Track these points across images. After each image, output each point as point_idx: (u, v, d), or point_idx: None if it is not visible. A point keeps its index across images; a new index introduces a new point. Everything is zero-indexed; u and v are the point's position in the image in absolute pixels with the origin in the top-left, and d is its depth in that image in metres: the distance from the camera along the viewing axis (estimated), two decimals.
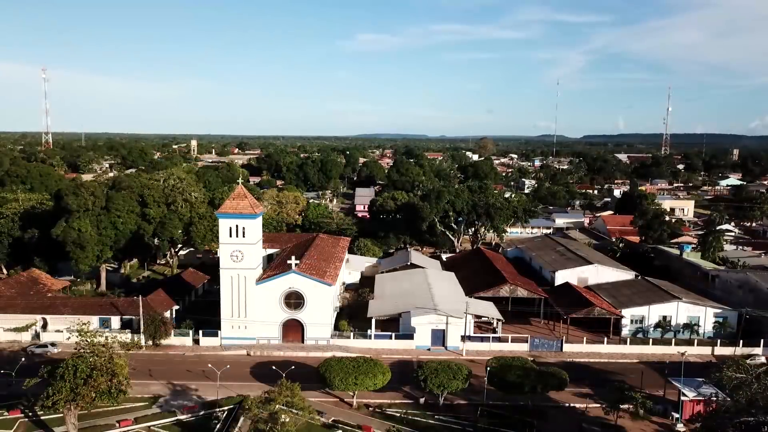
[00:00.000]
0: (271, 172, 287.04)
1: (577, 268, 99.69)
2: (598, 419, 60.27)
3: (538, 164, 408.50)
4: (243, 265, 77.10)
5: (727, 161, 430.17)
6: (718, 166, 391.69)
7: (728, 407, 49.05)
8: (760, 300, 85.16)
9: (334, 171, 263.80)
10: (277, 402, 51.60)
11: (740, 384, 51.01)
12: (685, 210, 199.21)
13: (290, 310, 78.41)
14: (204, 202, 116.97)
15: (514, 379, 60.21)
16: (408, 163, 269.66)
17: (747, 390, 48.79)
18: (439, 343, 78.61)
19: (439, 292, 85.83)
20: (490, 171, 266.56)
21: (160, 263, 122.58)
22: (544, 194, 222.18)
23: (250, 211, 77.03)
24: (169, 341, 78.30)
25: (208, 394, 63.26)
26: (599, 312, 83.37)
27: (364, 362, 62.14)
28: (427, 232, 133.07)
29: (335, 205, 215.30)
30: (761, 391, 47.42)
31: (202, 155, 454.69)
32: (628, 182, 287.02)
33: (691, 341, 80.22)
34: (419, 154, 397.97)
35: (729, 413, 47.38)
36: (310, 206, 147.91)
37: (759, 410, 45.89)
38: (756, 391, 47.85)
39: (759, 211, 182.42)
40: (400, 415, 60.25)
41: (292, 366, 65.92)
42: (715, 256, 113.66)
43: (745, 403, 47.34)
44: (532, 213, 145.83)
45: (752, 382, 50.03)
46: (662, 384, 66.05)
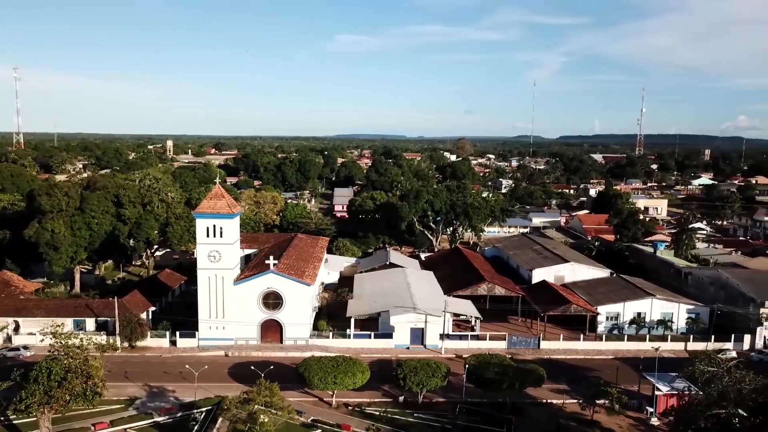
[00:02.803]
0: (249, 173, 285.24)
1: (554, 266, 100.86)
2: (575, 415, 61.11)
3: (515, 164, 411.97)
4: (221, 265, 76.53)
5: (699, 161, 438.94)
6: (690, 166, 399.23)
7: (700, 400, 50.03)
8: (731, 296, 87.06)
9: (312, 171, 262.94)
10: (256, 402, 51.32)
11: (712, 378, 52.15)
12: (659, 209, 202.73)
13: (269, 311, 78.04)
14: (181, 203, 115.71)
15: (493, 377, 60.70)
16: (387, 163, 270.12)
17: (718, 383, 49.89)
18: (418, 342, 78.90)
19: (417, 292, 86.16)
20: (468, 171, 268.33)
21: (135, 264, 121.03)
22: (521, 194, 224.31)
23: (227, 211, 76.51)
24: (145, 343, 77.39)
25: (185, 395, 62.66)
26: (575, 309, 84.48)
27: (344, 361, 62.13)
28: (406, 232, 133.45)
29: (314, 205, 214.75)
30: (732, 385, 48.50)
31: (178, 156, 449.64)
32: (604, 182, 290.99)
33: (665, 337, 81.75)
34: (398, 154, 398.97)
35: (701, 406, 48.30)
36: (289, 206, 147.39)
37: (730, 403, 46.90)
38: (727, 384, 48.93)
39: (730, 209, 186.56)
40: (380, 413, 60.36)
41: (270, 366, 65.62)
42: (688, 253, 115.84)
43: (717, 396, 48.33)
44: (509, 212, 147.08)
45: (723, 376, 51.19)
46: (637, 379, 67.18)
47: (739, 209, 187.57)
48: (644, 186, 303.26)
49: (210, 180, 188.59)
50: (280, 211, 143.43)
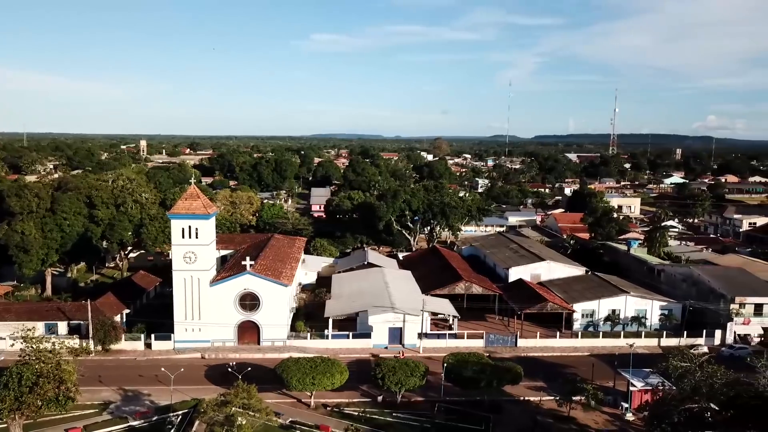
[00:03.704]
0: (224, 173, 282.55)
1: (530, 264, 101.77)
2: (552, 411, 61.74)
3: (491, 164, 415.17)
4: (196, 266, 75.66)
5: (670, 160, 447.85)
6: (662, 165, 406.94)
7: (674, 395, 50.88)
8: (702, 293, 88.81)
9: (288, 171, 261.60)
10: (234, 404, 50.84)
11: (685, 373, 53.12)
12: (632, 207, 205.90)
13: (246, 312, 77.39)
14: (155, 203, 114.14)
15: (471, 375, 61.02)
16: (364, 163, 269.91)
17: (691, 378, 50.85)
18: (396, 341, 78.96)
19: (396, 291, 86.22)
20: (445, 171, 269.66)
21: (109, 266, 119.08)
22: (497, 193, 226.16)
23: (203, 211, 75.68)
24: (119, 346, 76.14)
25: (161, 398, 61.78)
26: (552, 307, 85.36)
27: (322, 362, 61.90)
28: (384, 232, 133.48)
29: (290, 205, 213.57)
30: (704, 379, 49.47)
31: (152, 156, 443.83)
32: (578, 181, 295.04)
33: (639, 333, 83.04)
34: (375, 154, 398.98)
35: (675, 401, 49.13)
36: (265, 206, 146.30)
37: (702, 397, 47.80)
38: (699, 379, 49.90)
39: (700, 207, 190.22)
40: (358, 413, 60.27)
41: (248, 368, 65.02)
42: (661, 251, 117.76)
43: (690, 390, 49.23)
44: (485, 212, 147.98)
45: (696, 371, 52.21)
46: (612, 375, 68.09)
47: (710, 207, 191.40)
48: (618, 185, 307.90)
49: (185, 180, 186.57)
50: (257, 212, 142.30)
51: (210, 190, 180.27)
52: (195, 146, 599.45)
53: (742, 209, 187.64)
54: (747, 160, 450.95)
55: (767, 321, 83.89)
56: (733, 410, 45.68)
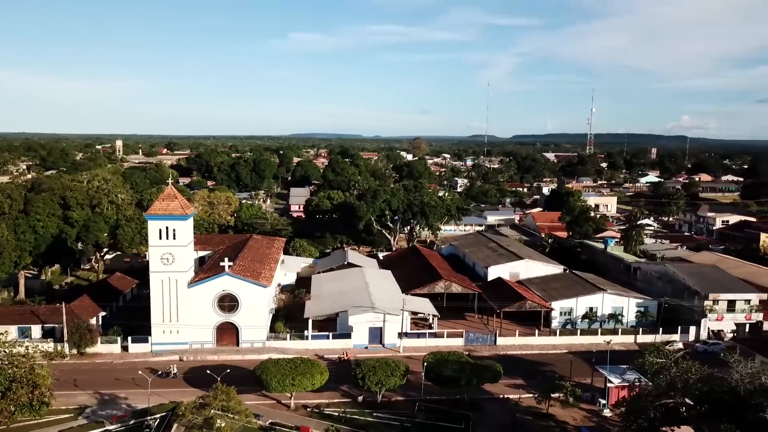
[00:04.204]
0: (202, 173, 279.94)
1: (509, 263, 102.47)
2: (531, 409, 62.24)
3: (470, 164, 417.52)
4: (174, 268, 74.81)
5: (646, 160, 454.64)
6: (638, 165, 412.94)
7: (650, 391, 51.64)
8: (677, 290, 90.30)
9: (267, 171, 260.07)
10: (212, 407, 50.36)
11: (660, 369, 53.90)
12: (609, 206, 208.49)
13: (224, 313, 76.74)
14: (131, 204, 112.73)
15: (451, 374, 61.25)
16: (344, 162, 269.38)
17: (667, 374, 51.60)
18: (376, 341, 78.94)
19: (376, 291, 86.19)
20: (425, 170, 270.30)
21: (84, 268, 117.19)
22: (476, 193, 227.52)
23: (180, 212, 74.86)
24: (95, 349, 74.94)
25: (138, 402, 60.98)
26: (530, 305, 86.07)
27: (302, 363, 61.66)
28: (364, 232, 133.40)
29: (269, 205, 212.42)
30: (679, 375, 50.24)
31: (128, 156, 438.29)
32: (556, 180, 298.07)
33: (616, 330, 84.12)
34: (355, 153, 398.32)
35: (651, 396, 49.86)
36: (243, 207, 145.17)
37: (677, 392, 48.61)
38: (675, 374, 50.66)
39: (675, 206, 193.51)
40: (339, 414, 60.14)
41: (227, 370, 64.48)
42: (637, 249, 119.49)
43: (665, 386, 50.00)
44: (465, 211, 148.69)
45: (671, 367, 52.98)
46: (590, 372, 68.90)
47: (684, 206, 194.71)
48: (595, 184, 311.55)
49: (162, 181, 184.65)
50: (235, 212, 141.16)
51: (187, 190, 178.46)
52: (172, 146, 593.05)
53: (715, 207, 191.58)
54: (720, 159, 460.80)
55: (740, 317, 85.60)
56: (707, 405, 46.57)
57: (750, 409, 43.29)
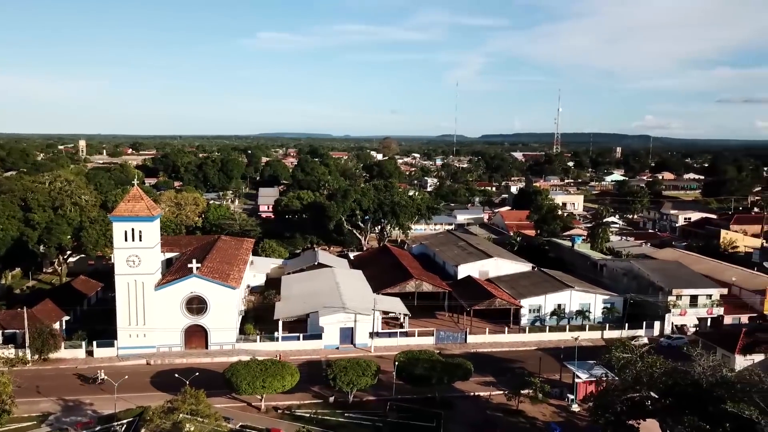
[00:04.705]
0: (168, 173, 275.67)
1: (478, 261, 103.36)
2: (501, 405, 62.87)
3: (439, 163, 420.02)
4: (140, 270, 73.41)
5: (611, 159, 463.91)
6: (603, 163, 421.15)
7: (617, 385, 52.59)
8: (642, 286, 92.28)
9: (235, 171, 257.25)
10: (181, 411, 49.55)
11: (627, 363, 54.88)
12: (576, 204, 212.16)
13: (193, 316, 75.63)
14: (96, 206, 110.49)
15: (422, 372, 61.45)
16: (313, 162, 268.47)
17: (633, 368, 52.58)
18: (347, 341, 78.75)
19: (347, 291, 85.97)
20: (395, 170, 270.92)
21: (47, 272, 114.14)
22: (445, 192, 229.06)
23: (146, 213, 73.50)
24: (59, 354, 73.03)
25: (104, 407, 59.61)
26: (500, 303, 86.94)
27: (272, 364, 61.14)
28: (334, 232, 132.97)
29: (237, 205, 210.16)
30: (645, 369, 51.26)
31: (91, 156, 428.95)
32: (524, 179, 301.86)
33: (583, 327, 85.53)
34: (324, 153, 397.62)
35: (617, 391, 50.80)
36: (211, 207, 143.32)
37: (643, 386, 49.61)
38: (640, 369, 51.67)
39: (639, 204, 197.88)
40: (310, 415, 59.82)
41: (196, 373, 63.47)
42: (603, 246, 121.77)
43: (632, 380, 50.97)
44: (435, 210, 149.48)
45: (637, 361, 54.00)
46: (558, 368, 69.89)
47: (648, 203, 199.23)
48: (562, 182, 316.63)
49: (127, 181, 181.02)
50: (203, 213, 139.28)
51: (154, 191, 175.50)
52: (137, 146, 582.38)
53: (677, 205, 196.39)
54: (682, 158, 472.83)
55: (702, 312, 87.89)
56: (672, 398, 47.67)
57: (712, 401, 44.44)
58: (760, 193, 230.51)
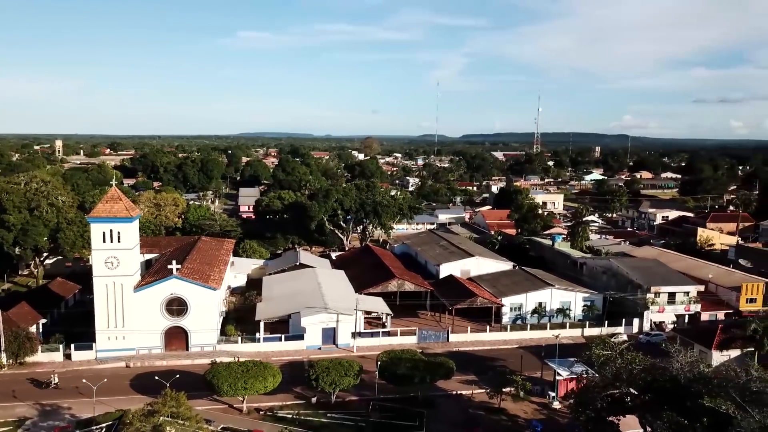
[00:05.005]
0: (147, 174, 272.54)
1: (460, 260, 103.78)
2: (483, 404, 63.18)
3: (421, 163, 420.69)
4: (119, 272, 72.46)
5: (590, 158, 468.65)
6: (583, 163, 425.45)
7: (597, 382, 53.06)
8: (621, 284, 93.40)
9: (215, 171, 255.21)
10: (161, 413, 48.95)
11: (607, 360, 55.50)
12: (556, 203, 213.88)
13: (173, 317, 74.86)
14: (73, 207, 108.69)
15: (404, 372, 61.50)
16: (294, 162, 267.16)
17: (612, 365, 53.15)
18: (330, 342, 78.55)
19: (329, 291, 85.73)
20: (376, 170, 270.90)
21: (22, 274, 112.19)
22: (427, 191, 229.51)
23: (125, 214, 72.58)
24: (35, 358, 71.82)
25: (83, 411, 58.77)
26: (481, 302, 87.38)
27: (254, 366, 60.75)
28: (316, 232, 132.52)
29: (218, 206, 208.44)
30: (624, 366, 51.85)
31: (68, 156, 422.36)
32: (505, 179, 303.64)
33: (564, 324, 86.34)
34: (305, 153, 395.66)
35: (598, 388, 51.28)
36: (191, 208, 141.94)
37: (623, 383, 50.19)
38: (620, 366, 52.24)
39: (618, 202, 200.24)
40: (292, 416, 59.55)
41: (176, 375, 62.81)
42: (583, 245, 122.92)
43: (611, 377, 51.51)
44: (416, 210, 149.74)
45: (616, 358, 54.64)
46: (540, 366, 70.38)
47: (627, 202, 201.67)
48: (542, 182, 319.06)
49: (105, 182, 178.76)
50: (182, 213, 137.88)
51: (132, 191, 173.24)
52: (116, 146, 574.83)
53: (655, 204, 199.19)
54: (659, 157, 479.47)
55: (679, 309, 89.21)
56: (651, 394, 48.30)
57: (690, 397, 45.10)
58: (735, 192, 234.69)
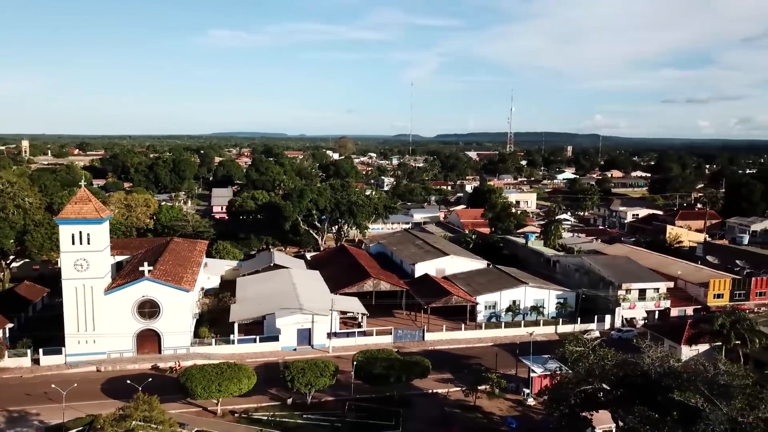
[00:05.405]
0: (118, 174, 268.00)
1: (435, 259, 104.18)
2: (459, 402, 63.50)
3: (395, 163, 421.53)
4: (89, 274, 71.02)
5: (563, 157, 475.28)
6: (555, 162, 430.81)
7: (570, 379, 53.68)
8: (593, 281, 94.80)
9: (187, 171, 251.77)
10: (134, 418, 48.12)
11: (580, 357, 56.24)
12: (529, 202, 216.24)
13: (145, 320, 73.65)
14: (40, 208, 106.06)
15: (380, 371, 61.48)
16: (268, 162, 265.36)
17: (585, 362, 53.85)
18: (305, 343, 78.13)
19: (304, 292, 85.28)
20: (351, 169, 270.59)
21: None
22: (402, 191, 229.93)
23: (95, 215, 71.14)
24: (2, 363, 69.97)
25: (52, 417, 57.43)
26: (456, 300, 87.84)
27: (228, 368, 60.11)
28: (291, 232, 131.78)
29: (190, 207, 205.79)
30: (597, 362, 52.60)
31: (35, 157, 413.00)
32: (478, 178, 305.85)
33: (538, 322, 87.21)
34: (279, 152, 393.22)
35: (571, 384, 51.88)
36: (163, 209, 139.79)
37: (596, 378, 50.87)
38: (592, 362, 52.97)
39: (590, 201, 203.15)
40: (268, 417, 59.10)
41: (149, 379, 61.93)
42: (555, 243, 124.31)
43: (584, 373, 52.16)
44: (391, 209, 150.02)
45: (589, 354, 55.40)
46: (514, 363, 70.95)
47: (598, 201, 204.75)
48: (515, 181, 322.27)
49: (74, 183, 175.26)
50: (154, 214, 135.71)
51: (102, 192, 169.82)
52: (85, 146, 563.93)
53: (626, 202, 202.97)
54: (629, 156, 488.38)
55: (650, 305, 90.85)
56: (623, 389, 49.07)
57: (660, 391, 45.94)
58: (703, 190, 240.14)
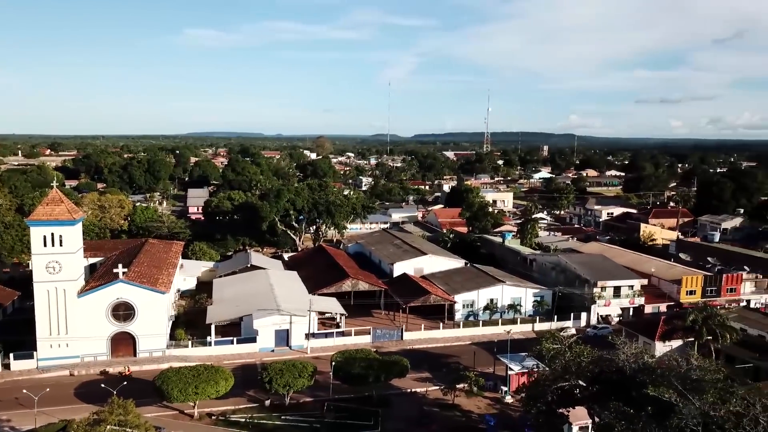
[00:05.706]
0: (91, 175, 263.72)
1: (413, 259, 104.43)
2: (438, 400, 63.74)
3: (373, 162, 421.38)
4: (61, 276, 69.68)
5: (539, 157, 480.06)
6: (531, 161, 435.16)
7: (547, 376, 54.17)
8: (569, 279, 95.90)
9: (162, 171, 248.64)
10: (108, 422, 47.29)
11: (556, 354, 56.73)
12: (505, 201, 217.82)
13: (119, 323, 72.53)
14: (11, 209, 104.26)
15: (359, 371, 61.39)
16: (244, 162, 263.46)
17: (562, 359, 54.32)
18: (283, 344, 77.69)
19: (281, 292, 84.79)
20: (329, 169, 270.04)
21: None
22: (380, 191, 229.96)
23: (67, 217, 69.84)
24: None
25: (24, 423, 56.27)
26: (435, 299, 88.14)
27: (205, 370, 59.48)
28: (268, 232, 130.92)
29: (165, 207, 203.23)
30: (573, 359, 53.10)
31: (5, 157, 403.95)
32: (456, 178, 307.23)
33: (515, 320, 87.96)
34: (256, 152, 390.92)
35: (548, 381, 52.34)
36: (137, 210, 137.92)
37: (572, 375, 51.40)
38: (569, 359, 53.46)
39: (565, 200, 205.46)
40: (246, 419, 58.63)
41: (124, 382, 61.00)
42: (532, 242, 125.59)
43: (561, 370, 52.65)
44: (369, 209, 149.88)
45: (566, 351, 55.89)
46: (492, 361, 71.50)
47: (573, 200, 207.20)
48: (492, 180, 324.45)
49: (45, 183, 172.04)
50: (128, 216, 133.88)
51: (75, 193, 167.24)
52: (56, 146, 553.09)
53: (601, 201, 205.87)
54: (604, 155, 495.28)
55: (624, 302, 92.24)
56: (598, 385, 49.69)
57: (635, 387, 46.60)
58: (675, 189, 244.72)
